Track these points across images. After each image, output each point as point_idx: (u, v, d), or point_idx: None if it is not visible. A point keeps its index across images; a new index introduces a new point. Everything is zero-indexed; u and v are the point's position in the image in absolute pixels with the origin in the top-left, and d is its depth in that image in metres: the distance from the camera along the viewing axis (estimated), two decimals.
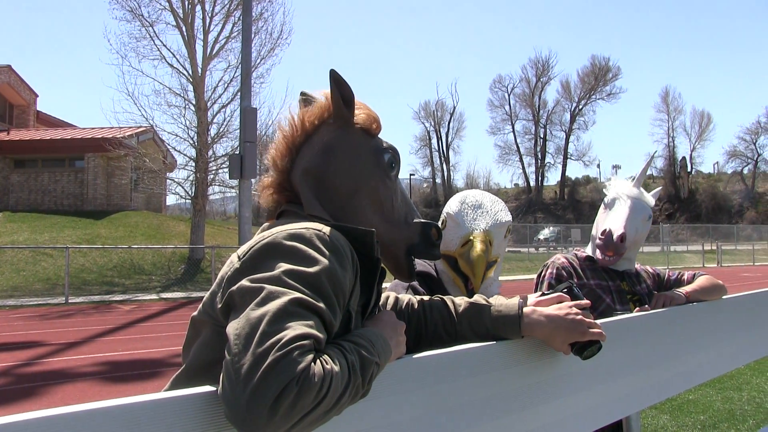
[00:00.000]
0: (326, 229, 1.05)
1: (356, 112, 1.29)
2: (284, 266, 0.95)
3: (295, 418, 0.81)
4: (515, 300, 1.36)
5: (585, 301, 1.38)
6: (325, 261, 0.98)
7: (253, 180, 14.96)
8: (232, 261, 1.04)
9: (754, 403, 4.90)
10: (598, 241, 2.27)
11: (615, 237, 2.19)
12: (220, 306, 0.99)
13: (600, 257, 2.26)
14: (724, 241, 40.94)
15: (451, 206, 1.80)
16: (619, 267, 2.31)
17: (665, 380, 2.05)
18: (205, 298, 1.07)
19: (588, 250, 2.35)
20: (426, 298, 1.44)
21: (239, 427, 0.81)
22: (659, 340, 2.03)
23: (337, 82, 1.23)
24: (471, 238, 1.71)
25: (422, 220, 1.31)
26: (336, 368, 0.86)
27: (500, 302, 1.37)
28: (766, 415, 4.48)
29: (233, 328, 0.87)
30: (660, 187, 3.01)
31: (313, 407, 0.82)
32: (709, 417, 4.51)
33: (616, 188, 2.37)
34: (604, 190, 2.43)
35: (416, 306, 1.41)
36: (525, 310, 1.33)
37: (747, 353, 2.79)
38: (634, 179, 2.40)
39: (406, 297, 1.44)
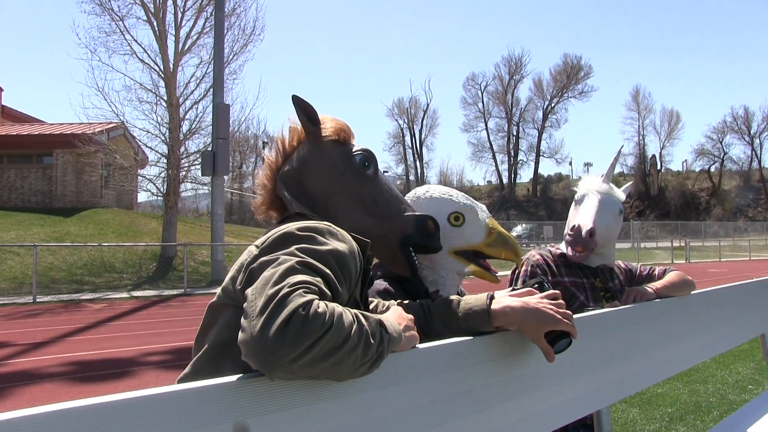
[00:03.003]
0: (335, 227, 1.16)
1: (326, 125, 1.44)
2: (298, 245, 1.06)
3: (303, 344, 0.86)
4: (484, 294, 1.38)
5: (554, 292, 1.38)
6: (334, 245, 1.09)
7: (225, 177, 14.85)
8: (251, 250, 1.15)
9: (718, 395, 5.01)
10: (567, 237, 2.29)
11: (584, 232, 2.20)
12: (240, 287, 1.09)
13: (570, 253, 2.28)
14: (693, 237, 41.68)
15: (457, 201, 1.73)
16: (593, 263, 2.32)
17: (635, 374, 2.08)
18: (224, 284, 1.17)
19: (562, 247, 2.37)
20: (396, 301, 1.46)
21: (255, 358, 0.86)
22: (629, 335, 2.06)
23: (299, 105, 1.41)
24: (491, 226, 1.72)
25: (416, 213, 1.41)
26: (339, 309, 0.93)
27: (470, 297, 1.39)
28: (730, 406, 4.59)
29: (250, 288, 0.96)
30: (630, 182, 3.04)
31: (321, 336, 0.87)
32: (676, 409, 4.60)
33: (585, 185, 2.39)
34: (574, 188, 2.45)
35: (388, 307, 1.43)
36: (495, 300, 1.35)
37: (713, 347, 2.85)
38: (603, 175, 2.43)
39: (376, 301, 1.45)
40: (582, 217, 2.26)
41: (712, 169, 72.40)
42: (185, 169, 19.73)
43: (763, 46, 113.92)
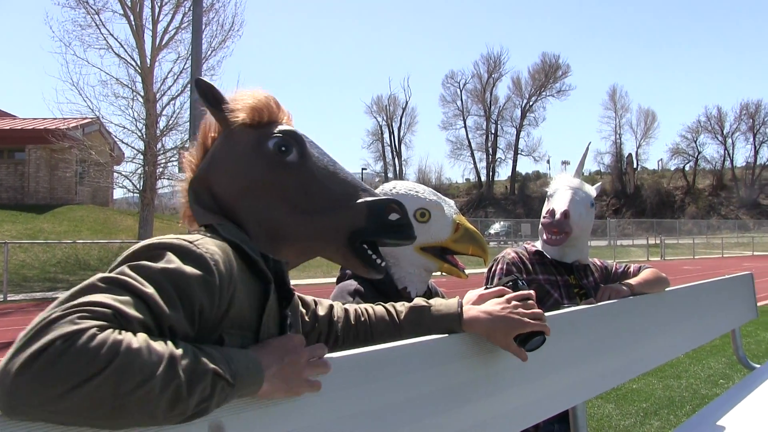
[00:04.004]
0: (201, 241, 0.94)
1: (237, 107, 1.15)
2: (133, 262, 0.87)
3: (56, 386, 0.66)
4: (454, 299, 1.37)
5: (527, 292, 1.38)
6: (176, 265, 0.87)
7: None
8: None
9: (691, 390, 5.10)
10: (542, 220, 2.31)
11: (558, 214, 2.23)
12: None
13: (546, 237, 2.30)
14: (668, 235, 42.28)
15: (423, 197, 1.72)
16: (568, 258, 2.35)
17: (610, 371, 2.11)
18: None
19: (538, 245, 2.40)
20: (368, 308, 1.38)
21: None
22: (604, 332, 2.08)
23: (200, 89, 1.16)
24: (458, 221, 1.72)
25: (369, 199, 1.10)
26: (136, 346, 0.71)
27: (439, 302, 1.37)
28: (702, 400, 4.67)
29: None
30: (600, 182, 3.09)
31: (87, 378, 0.67)
32: (651, 404, 4.67)
33: (557, 181, 2.43)
34: (546, 188, 2.48)
35: (362, 318, 1.35)
36: (464, 307, 1.35)
37: (686, 343, 2.90)
38: (574, 171, 2.47)
39: (352, 309, 1.37)
40: (556, 203, 2.30)
41: (687, 167, 73.53)
42: (162, 165, 19.52)
43: (735, 49, 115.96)
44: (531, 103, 74.34)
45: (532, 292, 1.40)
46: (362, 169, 78.29)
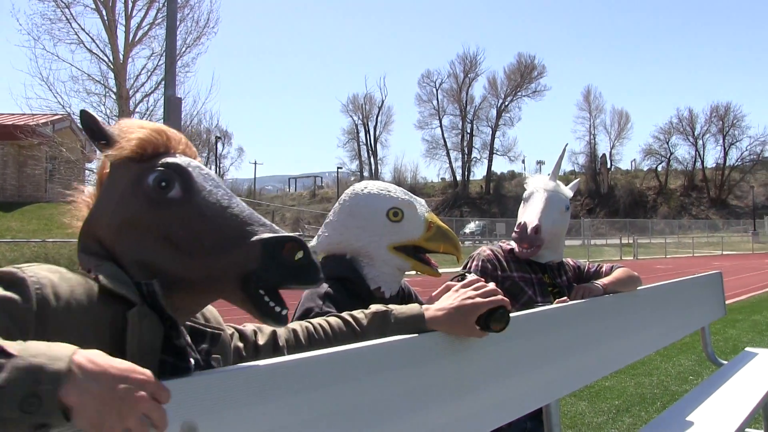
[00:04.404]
0: (34, 268, 0.87)
1: (123, 138, 1.04)
2: None
3: None
4: (416, 305, 1.37)
5: (473, 278, 1.39)
6: None
7: None
8: None
9: (662, 387, 5.18)
10: (513, 234, 2.34)
11: (529, 230, 2.25)
12: None
13: (518, 250, 2.33)
14: (640, 235, 42.89)
15: (395, 197, 1.70)
16: (542, 259, 2.37)
17: (583, 368, 2.13)
18: None
19: (513, 243, 2.41)
20: (323, 323, 1.31)
21: None
22: (577, 330, 2.11)
23: (84, 122, 1.04)
24: (430, 220, 1.73)
25: (265, 236, 0.94)
26: None
27: (399, 306, 1.36)
28: (672, 396, 4.74)
29: None
30: (577, 180, 3.11)
31: None
32: (623, 401, 4.73)
33: (533, 183, 2.44)
34: (524, 185, 2.49)
35: (317, 336, 1.28)
36: (423, 307, 1.36)
37: (657, 340, 2.94)
38: (550, 173, 2.49)
39: (302, 328, 1.28)
40: (528, 214, 2.31)
41: (659, 168, 74.68)
42: None
43: (707, 52, 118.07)
44: (507, 103, 74.86)
45: (476, 277, 1.40)
46: (338, 168, 78.27)
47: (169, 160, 1.02)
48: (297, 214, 68.21)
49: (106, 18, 18.60)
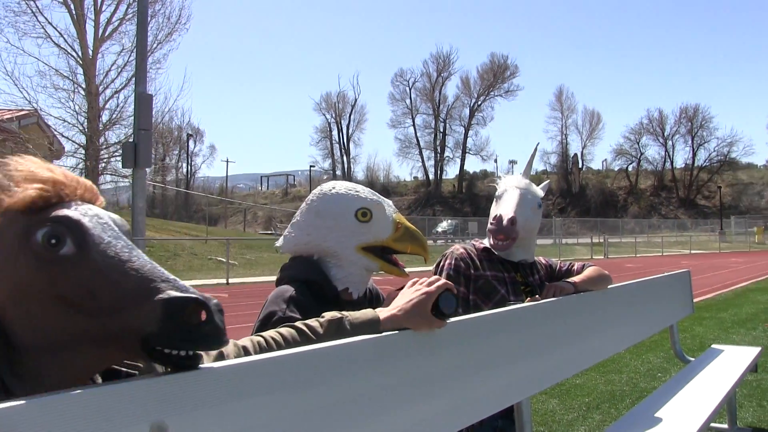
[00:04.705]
0: None
1: (14, 186, 0.92)
2: None
3: None
4: (369, 310, 1.38)
5: (411, 281, 1.42)
6: None
7: (147, 169, 14.38)
8: None
9: (631, 384, 5.26)
10: (489, 226, 2.35)
11: (505, 221, 2.26)
12: None
13: (493, 242, 2.34)
14: (611, 234, 43.49)
15: (364, 197, 1.69)
16: (515, 257, 2.38)
17: (554, 366, 2.15)
18: None
19: (486, 242, 2.42)
20: (275, 335, 1.28)
21: None
22: (549, 328, 2.13)
23: None
24: (398, 221, 1.72)
25: (167, 296, 0.86)
26: None
27: (354, 312, 1.36)
28: (641, 393, 4.81)
29: None
30: (548, 180, 3.14)
31: None
32: (593, 399, 4.79)
33: (505, 182, 2.46)
34: (495, 184, 2.50)
35: (273, 346, 1.24)
36: (378, 309, 1.37)
37: (628, 338, 2.98)
38: (522, 172, 2.51)
39: (252, 345, 1.23)
40: (503, 208, 2.33)
41: (630, 168, 75.88)
42: (105, 160, 18.99)
43: (677, 54, 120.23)
44: (479, 102, 75.50)
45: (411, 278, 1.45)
46: (310, 166, 78.04)
47: (60, 213, 0.91)
48: (269, 213, 67.91)
49: (74, 12, 18.28)
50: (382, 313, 1.36)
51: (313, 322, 1.31)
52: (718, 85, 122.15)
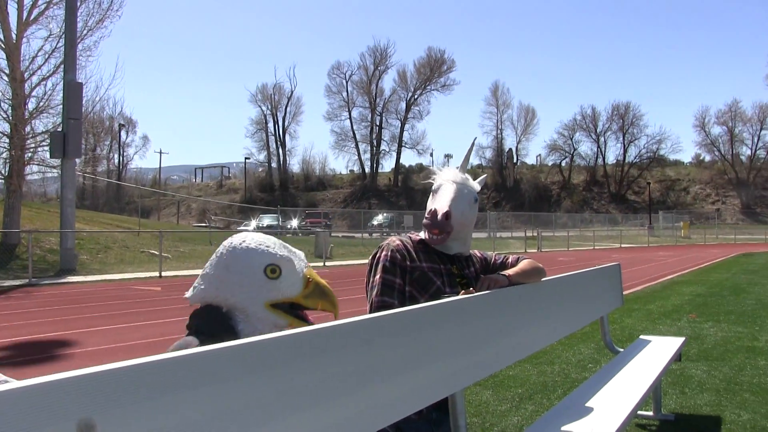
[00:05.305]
0: None
1: None
2: None
3: None
4: None
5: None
6: None
7: (77, 159, 13.82)
8: None
9: (563, 375, 5.40)
10: (424, 220, 2.35)
11: (440, 215, 2.27)
12: None
13: (428, 236, 2.34)
14: (544, 228, 44.62)
15: (273, 253, 1.64)
16: (451, 250, 2.39)
17: (488, 358, 2.17)
18: None
19: (422, 234, 2.42)
20: None
21: None
22: (483, 321, 2.14)
23: None
24: (309, 276, 1.68)
25: None
26: None
27: None
28: (572, 384, 4.95)
29: None
30: (485, 174, 3.17)
31: None
32: (525, 390, 4.89)
33: (442, 176, 2.46)
34: (431, 179, 2.50)
35: None
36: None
37: (559, 330, 3.05)
38: (459, 166, 2.52)
39: None
40: (439, 202, 2.33)
41: (563, 163, 78.04)
42: (31, 150, 18.18)
43: (610, 52, 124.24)
44: (416, 96, 76.14)
45: None
46: (246, 158, 76.93)
47: None
48: (203, 205, 66.58)
49: None
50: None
51: None
52: (648, 82, 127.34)
